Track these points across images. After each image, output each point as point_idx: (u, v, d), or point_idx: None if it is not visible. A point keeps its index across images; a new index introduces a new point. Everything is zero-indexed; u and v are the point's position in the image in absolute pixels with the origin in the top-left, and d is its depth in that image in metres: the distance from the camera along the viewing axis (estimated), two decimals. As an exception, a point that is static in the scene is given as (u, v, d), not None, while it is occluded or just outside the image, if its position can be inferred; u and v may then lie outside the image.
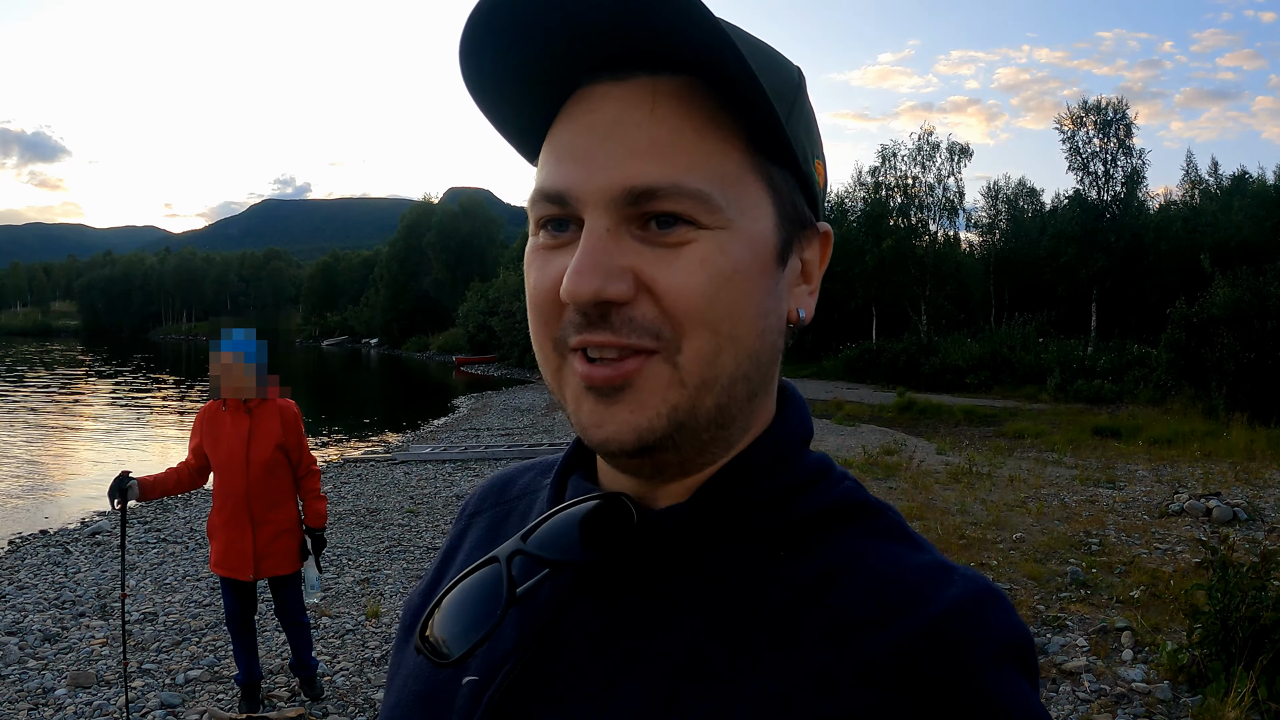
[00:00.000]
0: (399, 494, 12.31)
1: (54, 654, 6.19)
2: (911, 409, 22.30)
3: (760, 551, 0.66)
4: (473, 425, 21.94)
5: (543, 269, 0.67)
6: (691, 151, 0.62)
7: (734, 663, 0.61)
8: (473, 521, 0.89)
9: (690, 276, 0.62)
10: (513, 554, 0.67)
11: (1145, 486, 11.81)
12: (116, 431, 22.20)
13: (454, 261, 78.56)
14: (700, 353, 0.63)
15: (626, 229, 0.63)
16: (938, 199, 40.68)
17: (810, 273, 0.72)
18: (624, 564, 0.67)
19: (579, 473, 0.77)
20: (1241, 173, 43.53)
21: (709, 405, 0.65)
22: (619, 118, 0.63)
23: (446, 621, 0.67)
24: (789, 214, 0.68)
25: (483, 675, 0.69)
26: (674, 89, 0.63)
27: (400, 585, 7.90)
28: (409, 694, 0.75)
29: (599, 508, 0.68)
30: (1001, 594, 0.63)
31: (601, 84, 0.65)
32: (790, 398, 0.75)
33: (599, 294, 0.61)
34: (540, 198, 0.66)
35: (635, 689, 0.62)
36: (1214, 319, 18.50)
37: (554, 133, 0.67)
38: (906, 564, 0.64)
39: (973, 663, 0.58)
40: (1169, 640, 5.59)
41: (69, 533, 10.43)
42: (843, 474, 0.72)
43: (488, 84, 0.68)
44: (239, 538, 4.84)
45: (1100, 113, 37.16)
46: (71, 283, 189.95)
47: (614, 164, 0.62)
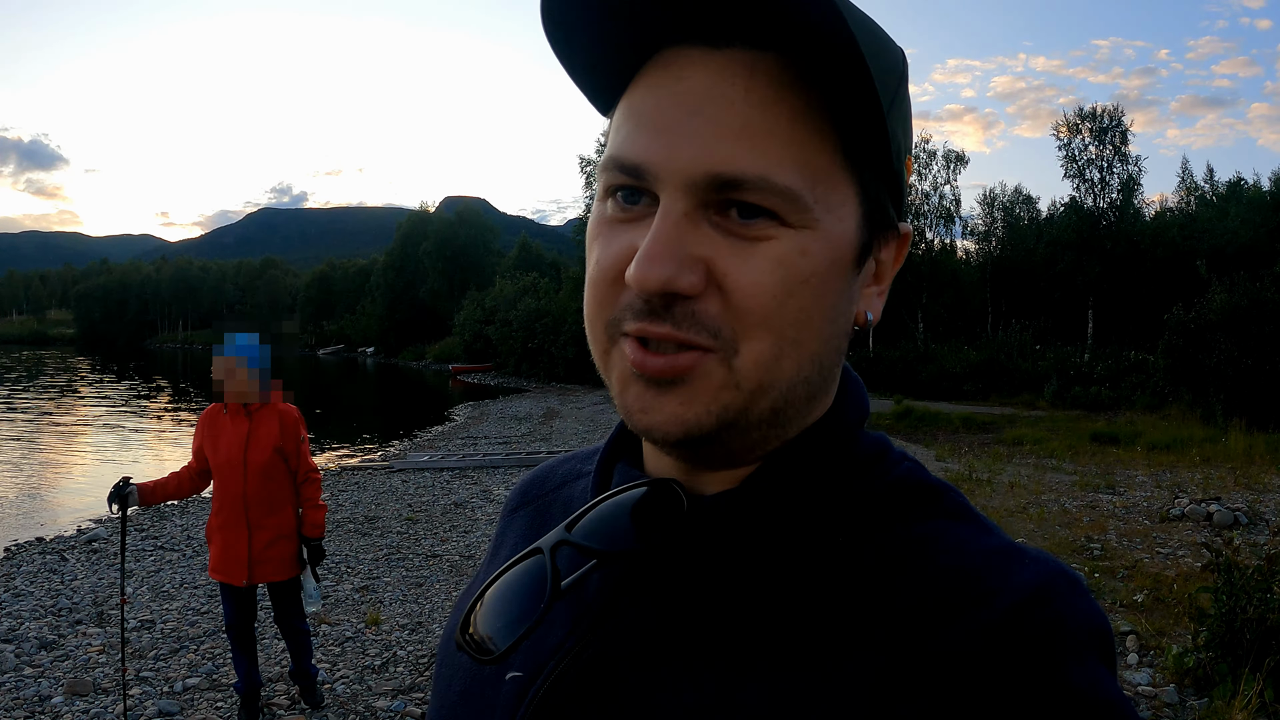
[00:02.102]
0: (397, 502, 12.26)
1: (50, 662, 6.14)
2: (909, 416, 22.27)
3: (817, 539, 0.63)
4: (470, 434, 21.88)
5: (608, 244, 0.62)
6: (785, 141, 0.58)
7: (794, 658, 0.58)
8: (514, 517, 0.86)
9: (764, 276, 0.58)
10: (557, 544, 0.63)
11: (1145, 492, 11.81)
12: (111, 439, 22.12)
13: (450, 270, 78.46)
14: (760, 357, 0.59)
15: (704, 214, 0.59)
16: (934, 207, 40.77)
17: (883, 274, 0.68)
18: (674, 553, 0.64)
19: (624, 460, 0.74)
20: (1237, 179, 43.57)
21: (763, 408, 0.61)
22: (710, 91, 0.58)
23: (489, 617, 0.63)
24: (873, 215, 0.64)
25: (527, 672, 0.66)
26: (772, 67, 0.58)
27: (400, 593, 7.86)
28: (453, 693, 0.73)
29: (647, 495, 0.64)
30: (1078, 578, 0.59)
31: (692, 49, 0.60)
32: (848, 380, 0.71)
33: (669, 284, 0.57)
34: (613, 165, 0.61)
35: (689, 684, 0.59)
36: (1211, 324, 18.51)
37: (634, 95, 0.62)
38: (974, 548, 0.60)
39: (1055, 654, 0.54)
40: (1174, 644, 5.57)
41: (65, 540, 10.38)
42: (901, 454, 0.69)
43: (568, 30, 0.63)
44: (235, 542, 4.80)
45: (1096, 120, 37.20)
46: (67, 291, 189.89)
47: (700, 144, 0.58)
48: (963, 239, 44.06)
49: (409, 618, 7.14)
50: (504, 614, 0.62)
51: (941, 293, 39.55)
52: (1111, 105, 37.43)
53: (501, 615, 0.63)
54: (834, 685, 0.56)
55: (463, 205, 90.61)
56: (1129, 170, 37.13)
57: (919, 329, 37.96)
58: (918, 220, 40.24)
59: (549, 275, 56.03)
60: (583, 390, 35.86)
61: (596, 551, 0.63)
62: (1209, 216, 39.06)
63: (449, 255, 79.79)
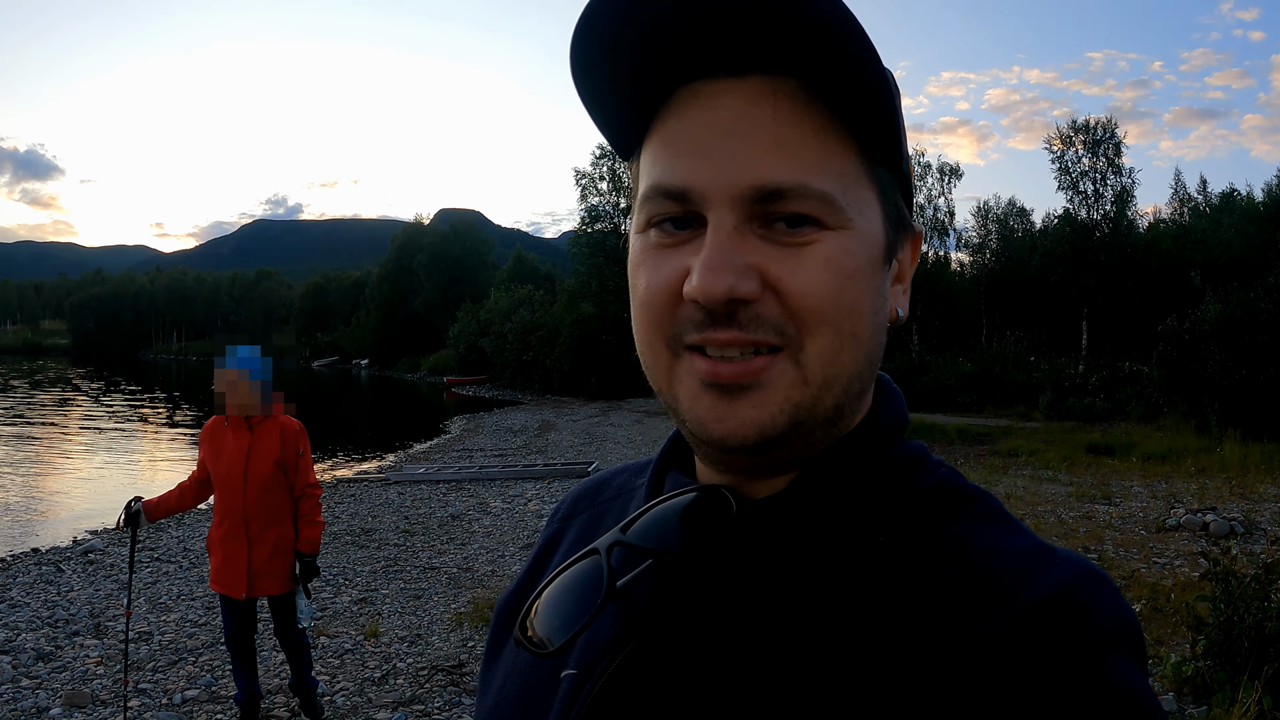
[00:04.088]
0: (393, 514, 12.25)
1: (48, 673, 6.13)
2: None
3: (859, 540, 0.66)
4: (465, 446, 21.86)
5: (657, 267, 0.66)
6: (816, 152, 0.63)
7: (838, 654, 0.60)
8: (567, 524, 0.89)
9: (816, 275, 0.62)
10: (612, 545, 0.67)
11: (1141, 502, 11.83)
12: (107, 450, 22.03)
13: (445, 282, 78.37)
14: (824, 351, 0.63)
15: (750, 227, 0.63)
16: (928, 219, 40.85)
17: (904, 273, 0.73)
18: (724, 556, 0.67)
19: (676, 469, 0.77)
20: (1230, 190, 43.65)
21: (829, 404, 0.65)
22: (743, 115, 0.63)
23: (546, 614, 0.67)
24: (893, 215, 0.69)
25: (581, 669, 0.69)
26: (794, 89, 0.63)
27: (398, 605, 7.85)
28: (508, 693, 0.76)
29: (698, 499, 0.67)
30: (1106, 576, 0.61)
31: (717, 81, 0.64)
32: (886, 388, 0.75)
33: (731, 291, 0.61)
34: (657, 194, 0.65)
35: (737, 682, 0.62)
36: (1205, 335, 18.53)
37: (665, 127, 0.66)
38: (1007, 547, 0.63)
39: (1084, 647, 0.56)
40: (1172, 653, 5.58)
41: (61, 551, 10.37)
42: (939, 461, 0.72)
43: (595, 72, 0.67)
44: (235, 555, 4.80)
45: (1089, 132, 37.34)
46: (62, 301, 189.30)
47: (742, 161, 0.62)
48: (957, 251, 44.22)
49: (408, 630, 7.13)
50: (562, 612, 0.66)
51: (936, 305, 39.61)
52: (1105, 117, 37.71)
53: (559, 614, 0.66)
54: (872, 679, 0.58)
55: (458, 218, 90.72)
56: (1123, 182, 37.29)
57: (913, 341, 38.00)
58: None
59: (544, 288, 56.08)
60: (577, 403, 35.82)
61: (651, 551, 0.66)
62: (1202, 228, 39.18)
63: (444, 267, 79.75)
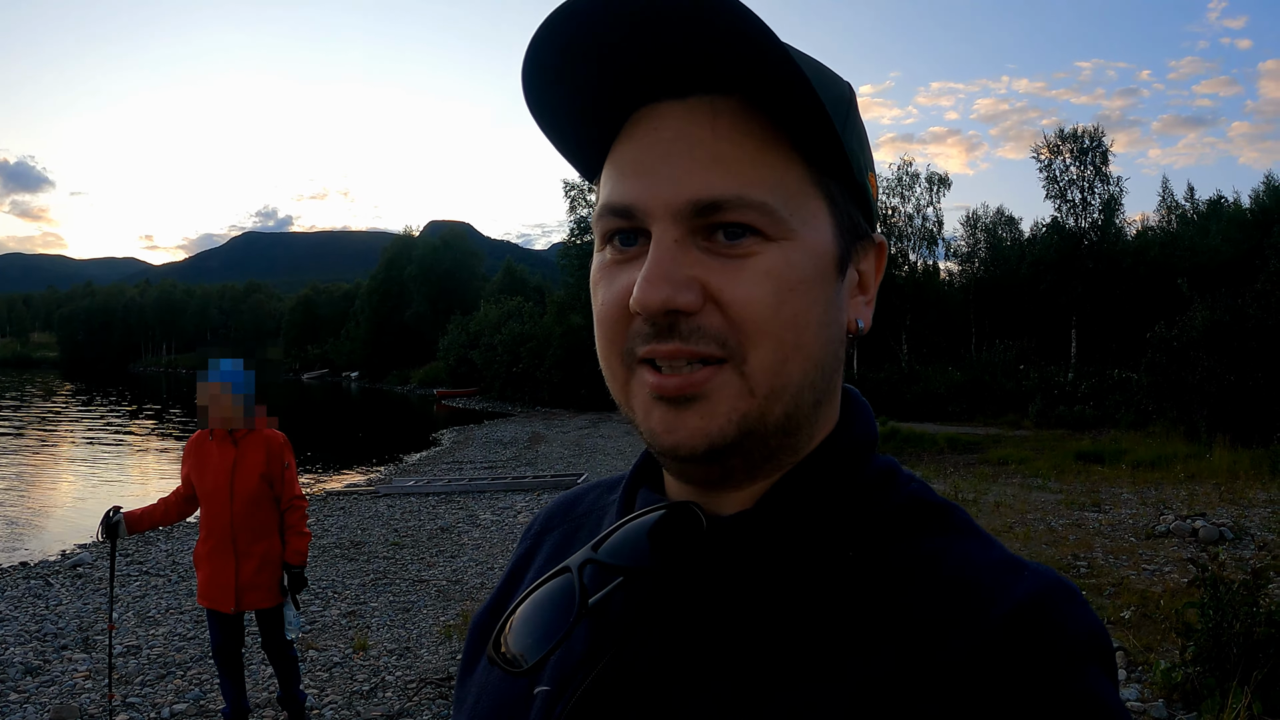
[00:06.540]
0: (383, 526, 12.22)
1: (36, 687, 6.09)
2: (895, 438, 22.29)
3: (829, 555, 0.66)
4: (455, 458, 21.82)
5: (610, 284, 0.67)
6: (754, 165, 0.64)
7: (809, 669, 0.61)
8: (540, 540, 0.90)
9: (756, 287, 0.63)
10: (584, 563, 0.67)
11: (1130, 509, 11.85)
12: (95, 463, 21.91)
13: (435, 294, 78.28)
14: (767, 362, 0.64)
15: (693, 241, 0.64)
16: (917, 229, 40.99)
17: (866, 284, 0.74)
18: (694, 572, 0.67)
19: (646, 485, 0.78)
20: (1218, 197, 43.99)
21: (778, 413, 0.65)
22: (682, 134, 0.65)
23: (520, 632, 0.67)
24: (846, 225, 0.70)
25: (555, 686, 0.69)
26: (733, 106, 0.65)
27: (387, 618, 7.82)
28: (482, 709, 0.76)
29: (667, 516, 0.68)
30: (1075, 589, 0.62)
31: (663, 103, 0.66)
32: (854, 402, 0.75)
33: (668, 302, 0.62)
34: (607, 211, 0.67)
35: (710, 699, 0.62)
36: (1193, 342, 18.61)
37: (617, 150, 0.69)
38: (977, 561, 0.64)
39: (1053, 660, 0.57)
40: (1162, 659, 5.58)
41: (49, 565, 10.31)
42: (910, 475, 0.73)
43: (549, 104, 0.69)
44: (223, 569, 4.77)
45: (1077, 141, 37.53)
46: (51, 314, 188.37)
47: (680, 177, 0.64)
48: (945, 260, 44.35)
49: (397, 643, 7.10)
50: (535, 629, 0.66)
51: (925, 314, 39.73)
52: (1092, 126, 37.82)
53: (532, 630, 0.66)
54: (846, 694, 0.59)
55: (447, 229, 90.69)
56: (1110, 190, 37.48)
57: (903, 350, 38.11)
58: (901, 242, 40.47)
59: (533, 299, 56.01)
60: (567, 414, 35.79)
61: (621, 569, 0.66)
62: (1190, 235, 39.43)
63: (433, 279, 79.69)
